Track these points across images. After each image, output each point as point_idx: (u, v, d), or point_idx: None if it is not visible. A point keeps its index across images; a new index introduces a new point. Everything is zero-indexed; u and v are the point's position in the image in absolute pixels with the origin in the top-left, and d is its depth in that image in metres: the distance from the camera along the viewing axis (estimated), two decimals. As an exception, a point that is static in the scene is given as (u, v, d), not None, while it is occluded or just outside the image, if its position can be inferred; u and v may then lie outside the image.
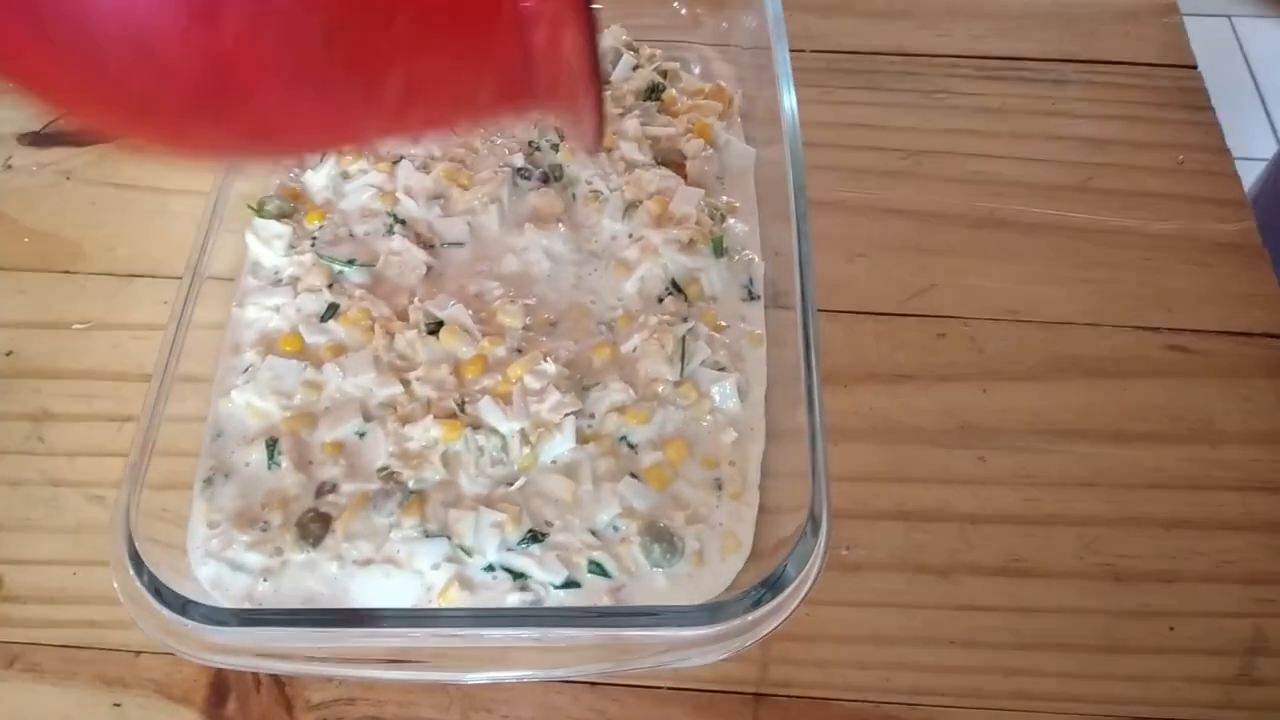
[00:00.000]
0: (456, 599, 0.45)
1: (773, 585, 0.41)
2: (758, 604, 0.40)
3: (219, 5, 0.22)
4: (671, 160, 0.58)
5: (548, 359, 0.50)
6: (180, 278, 0.50)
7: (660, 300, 0.54)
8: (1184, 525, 0.51)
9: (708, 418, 0.51)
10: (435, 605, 0.45)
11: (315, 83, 0.25)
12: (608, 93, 0.60)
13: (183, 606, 0.40)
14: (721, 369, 0.52)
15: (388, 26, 0.24)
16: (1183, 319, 0.58)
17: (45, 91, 0.26)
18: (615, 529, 0.47)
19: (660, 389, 0.51)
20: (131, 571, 0.41)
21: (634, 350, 0.52)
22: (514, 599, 0.45)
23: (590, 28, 0.25)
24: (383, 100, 0.26)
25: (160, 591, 0.40)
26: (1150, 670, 0.47)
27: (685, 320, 0.52)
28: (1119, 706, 0.47)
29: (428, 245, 0.55)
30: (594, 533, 0.47)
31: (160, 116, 0.26)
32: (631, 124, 0.59)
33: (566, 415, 0.48)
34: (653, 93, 0.62)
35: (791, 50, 0.57)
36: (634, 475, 0.49)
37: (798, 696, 0.47)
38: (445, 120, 0.30)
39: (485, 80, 0.27)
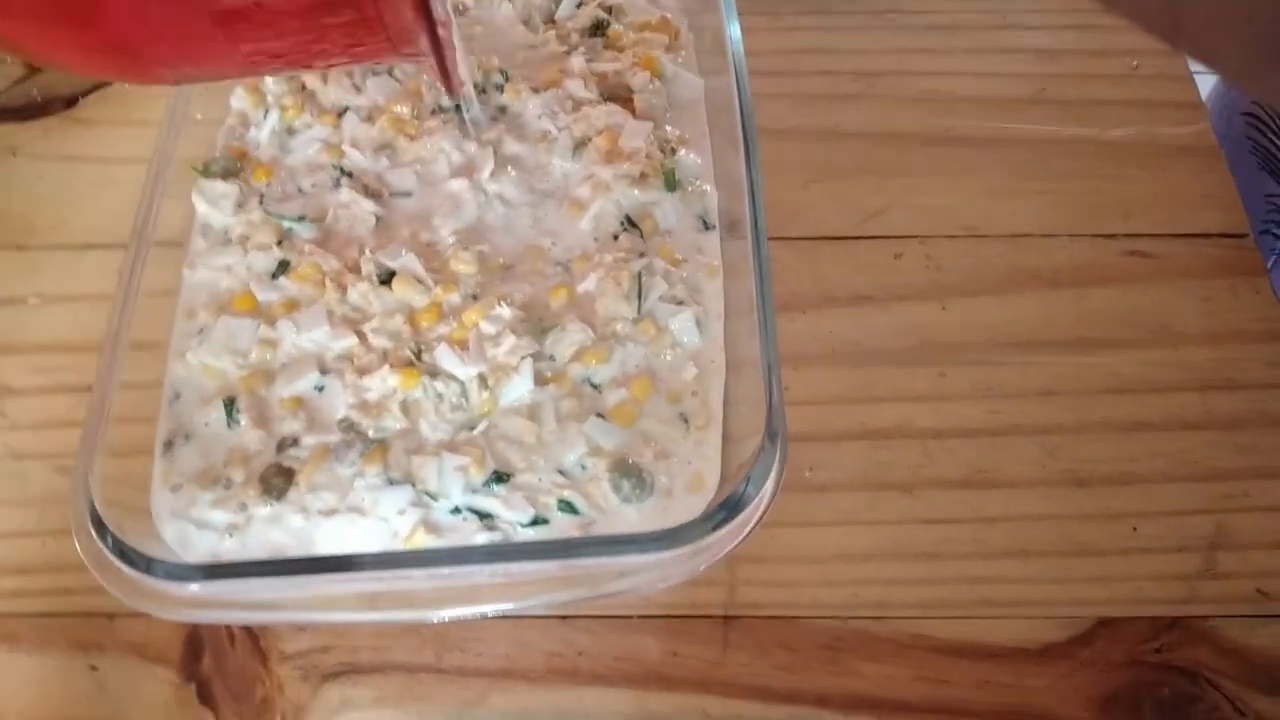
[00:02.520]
0: (423, 542, 0.45)
1: (731, 506, 0.41)
2: (718, 525, 0.41)
3: None
4: (619, 95, 0.58)
5: (502, 303, 0.50)
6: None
7: (615, 237, 0.54)
8: (1145, 428, 0.51)
9: (668, 352, 0.51)
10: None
11: None
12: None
13: (147, 565, 0.40)
14: (679, 303, 0.51)
15: None
16: (1140, 224, 0.58)
17: None
18: (583, 468, 0.47)
19: (619, 327, 0.50)
20: (94, 535, 0.41)
21: (591, 289, 0.51)
22: (481, 539, 0.46)
23: None
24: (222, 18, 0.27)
25: (124, 552, 0.40)
26: (1114, 571, 0.48)
27: (641, 256, 0.52)
28: (1084, 608, 0.47)
29: (375, 196, 0.55)
30: (562, 472, 0.47)
31: (15, 13, 0.26)
32: (577, 61, 0.58)
33: (524, 358, 0.48)
34: (598, 29, 0.61)
35: (738, -23, 0.56)
36: (600, 415, 0.49)
37: (767, 617, 0.47)
38: (297, 58, 0.30)
39: (332, 21, 0.27)
